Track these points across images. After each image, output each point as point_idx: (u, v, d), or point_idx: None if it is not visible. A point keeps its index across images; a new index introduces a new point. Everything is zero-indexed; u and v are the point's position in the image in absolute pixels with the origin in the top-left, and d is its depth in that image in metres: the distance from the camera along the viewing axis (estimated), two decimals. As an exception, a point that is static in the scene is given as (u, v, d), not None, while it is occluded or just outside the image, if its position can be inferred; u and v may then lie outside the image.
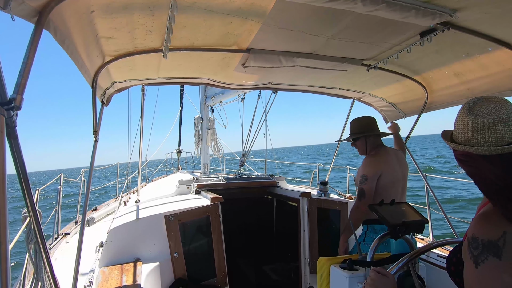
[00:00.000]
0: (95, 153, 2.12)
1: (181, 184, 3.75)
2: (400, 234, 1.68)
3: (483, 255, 0.89)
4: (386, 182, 2.51)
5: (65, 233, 3.87)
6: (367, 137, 2.70)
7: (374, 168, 2.53)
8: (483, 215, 0.98)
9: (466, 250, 0.95)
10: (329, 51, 2.25)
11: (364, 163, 2.61)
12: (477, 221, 0.97)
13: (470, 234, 0.95)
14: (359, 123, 2.76)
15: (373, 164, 2.57)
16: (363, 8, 1.45)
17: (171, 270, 2.71)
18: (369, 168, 2.55)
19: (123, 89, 2.75)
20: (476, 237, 0.92)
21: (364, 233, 2.53)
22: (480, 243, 0.90)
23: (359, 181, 2.55)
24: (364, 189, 2.49)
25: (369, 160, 2.62)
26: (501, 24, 1.73)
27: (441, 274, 2.35)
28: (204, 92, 6.69)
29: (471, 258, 0.93)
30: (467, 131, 1.00)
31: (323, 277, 2.04)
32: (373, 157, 2.64)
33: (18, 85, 1.02)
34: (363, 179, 2.52)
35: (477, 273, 0.91)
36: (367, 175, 2.51)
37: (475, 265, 0.91)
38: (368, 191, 2.49)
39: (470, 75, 2.42)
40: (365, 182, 2.50)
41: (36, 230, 1.36)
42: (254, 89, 3.52)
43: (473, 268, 0.92)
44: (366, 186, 2.49)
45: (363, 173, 2.54)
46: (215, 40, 1.99)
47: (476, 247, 0.91)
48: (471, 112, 1.02)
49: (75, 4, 1.30)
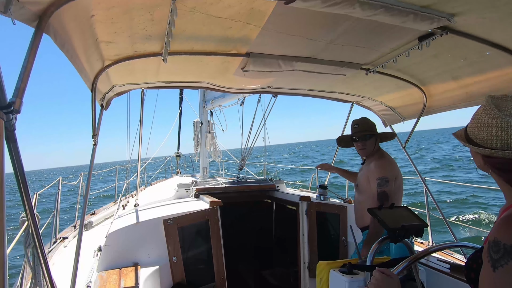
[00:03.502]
0: (94, 156, 2.12)
1: (180, 188, 3.74)
2: (399, 238, 1.67)
3: (504, 259, 0.85)
4: (398, 185, 2.48)
5: (63, 237, 3.85)
6: (377, 139, 2.67)
7: (392, 170, 2.48)
8: (508, 218, 0.93)
9: (486, 253, 0.92)
10: (328, 56, 2.26)
11: (378, 165, 2.52)
12: (501, 225, 0.92)
13: (492, 238, 0.91)
14: (370, 122, 2.71)
15: (390, 166, 2.51)
16: (362, 13, 1.46)
17: (169, 275, 2.69)
18: (388, 170, 2.47)
19: (122, 93, 2.75)
20: (498, 241, 0.88)
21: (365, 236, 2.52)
22: (502, 247, 0.87)
23: (379, 184, 2.43)
24: (387, 192, 2.39)
25: (384, 162, 2.54)
26: (499, 28, 1.74)
27: (440, 278, 2.34)
28: (204, 96, 6.70)
29: (489, 261, 0.89)
30: (507, 135, 0.90)
31: (323, 282, 2.03)
32: (386, 159, 2.57)
33: (18, 89, 1.03)
34: (384, 181, 2.42)
35: (494, 276, 0.87)
36: (387, 177, 2.43)
37: (493, 268, 0.88)
38: (390, 194, 2.39)
39: (469, 79, 2.43)
40: (386, 184, 2.41)
41: (34, 235, 1.36)
42: (254, 93, 3.53)
43: (490, 272, 0.88)
44: (388, 189, 2.40)
45: (382, 175, 2.44)
46: (214, 44, 2.00)
47: (497, 251, 0.87)
48: (503, 112, 0.92)
49: (75, 8, 1.31)
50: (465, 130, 1.06)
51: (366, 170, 2.61)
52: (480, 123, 0.97)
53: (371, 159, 2.63)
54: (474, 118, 1.02)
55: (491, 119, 0.94)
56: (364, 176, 2.61)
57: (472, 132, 1.01)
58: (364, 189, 2.62)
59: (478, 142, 0.98)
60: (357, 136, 2.67)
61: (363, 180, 2.62)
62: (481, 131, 0.97)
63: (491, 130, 0.93)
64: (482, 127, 0.96)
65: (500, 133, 0.91)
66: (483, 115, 0.97)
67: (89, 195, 2.21)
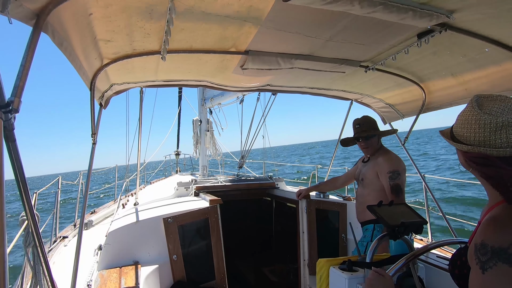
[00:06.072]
0: (94, 155, 2.11)
1: (179, 186, 3.74)
2: (399, 235, 1.68)
3: (492, 261, 0.86)
4: (404, 179, 2.51)
5: (63, 236, 3.85)
6: (379, 136, 2.71)
7: (400, 163, 2.51)
8: (493, 220, 0.93)
9: (473, 256, 0.92)
10: (327, 53, 2.25)
11: (387, 159, 2.55)
12: (486, 227, 0.93)
13: (478, 240, 0.91)
14: (373, 120, 2.74)
15: (398, 160, 2.55)
16: (361, 10, 1.46)
17: (170, 273, 2.70)
18: (398, 163, 2.50)
19: (121, 91, 2.74)
20: (485, 244, 0.89)
21: (371, 233, 2.52)
22: (490, 249, 0.87)
23: (391, 177, 2.45)
24: (400, 184, 2.41)
25: (391, 156, 2.58)
26: (497, 24, 1.74)
27: (440, 275, 2.34)
28: (203, 94, 6.69)
29: (477, 263, 0.89)
30: (483, 132, 0.93)
31: (323, 279, 2.04)
32: (392, 154, 2.60)
33: (16, 88, 1.02)
34: (396, 174, 2.44)
35: (484, 278, 0.88)
36: (398, 170, 2.45)
37: (482, 270, 0.88)
38: (403, 186, 2.42)
39: (468, 76, 2.43)
40: (398, 177, 2.43)
41: (34, 234, 1.36)
42: (253, 91, 3.52)
43: (479, 274, 0.89)
44: (400, 181, 2.42)
45: (393, 168, 2.46)
46: (213, 42, 1.99)
47: (484, 253, 0.88)
48: (483, 111, 0.95)
49: (73, 6, 1.30)
50: (451, 128, 1.09)
51: (374, 165, 2.63)
52: (462, 121, 1.00)
53: (376, 155, 2.67)
54: (458, 117, 1.05)
55: (471, 116, 0.97)
56: (371, 171, 2.63)
57: (455, 129, 1.04)
58: (370, 183, 2.64)
59: (460, 139, 1.01)
60: (361, 137, 2.70)
61: (369, 175, 2.64)
62: (462, 128, 1.00)
63: (470, 127, 0.96)
64: (463, 125, 0.99)
65: (478, 130, 0.94)
66: (464, 113, 1.00)
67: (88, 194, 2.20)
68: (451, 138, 1.06)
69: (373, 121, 2.75)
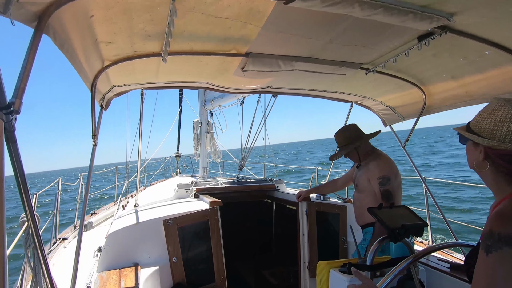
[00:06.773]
0: (94, 157, 2.11)
1: (179, 188, 3.74)
2: (399, 237, 1.67)
3: (498, 245, 0.89)
4: (398, 183, 2.50)
5: (63, 238, 3.85)
6: (357, 147, 2.68)
7: (390, 168, 2.50)
8: (500, 212, 0.98)
9: (481, 244, 0.95)
10: (328, 55, 2.26)
11: (377, 165, 2.54)
12: (494, 218, 0.97)
13: (486, 229, 0.95)
14: (344, 134, 2.74)
15: (388, 164, 2.53)
16: (361, 13, 1.46)
17: (169, 275, 2.69)
18: (387, 168, 2.49)
19: (122, 93, 2.75)
20: (493, 231, 0.92)
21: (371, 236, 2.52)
22: (496, 235, 0.90)
23: (381, 183, 2.45)
24: (390, 190, 2.41)
25: (381, 161, 2.56)
26: (498, 27, 1.74)
27: (440, 278, 2.34)
28: (203, 96, 6.70)
29: (483, 248, 0.93)
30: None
31: (323, 281, 2.03)
32: (383, 158, 2.58)
33: (17, 89, 1.02)
34: (385, 180, 2.43)
35: (487, 260, 0.91)
36: (388, 175, 2.44)
37: (486, 253, 0.91)
38: (393, 191, 2.41)
39: (468, 78, 2.43)
40: (388, 182, 2.42)
41: (34, 235, 1.36)
42: (253, 93, 3.53)
43: (484, 257, 0.92)
44: (390, 187, 2.42)
45: (383, 174, 2.45)
46: (214, 44, 2.00)
47: (490, 238, 0.92)
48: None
49: (74, 9, 1.31)
50: (468, 125, 1.13)
51: (365, 171, 2.63)
52: (492, 118, 1.04)
53: (367, 160, 2.66)
54: (484, 114, 1.08)
55: (505, 114, 1.01)
56: (364, 176, 2.63)
57: (480, 126, 1.07)
58: (364, 189, 2.64)
59: (485, 136, 1.04)
60: (337, 156, 2.79)
61: (362, 181, 2.64)
62: (492, 125, 1.03)
63: (503, 125, 1.00)
64: (495, 122, 1.03)
65: (509, 127, 0.99)
66: (495, 111, 1.04)
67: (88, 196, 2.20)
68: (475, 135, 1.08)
69: (344, 134, 2.73)
